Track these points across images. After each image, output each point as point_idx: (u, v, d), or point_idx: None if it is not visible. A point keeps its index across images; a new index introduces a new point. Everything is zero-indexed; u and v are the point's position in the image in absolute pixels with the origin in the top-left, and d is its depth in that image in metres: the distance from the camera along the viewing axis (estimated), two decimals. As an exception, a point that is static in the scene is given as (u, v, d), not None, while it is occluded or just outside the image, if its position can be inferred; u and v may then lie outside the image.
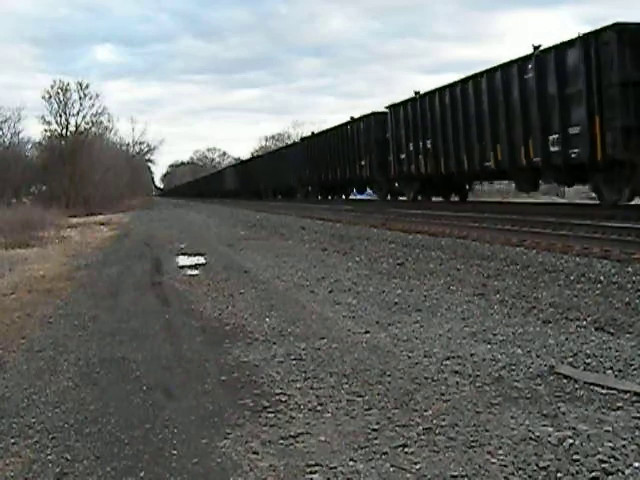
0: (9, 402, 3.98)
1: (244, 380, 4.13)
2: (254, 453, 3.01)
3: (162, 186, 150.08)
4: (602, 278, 6.72)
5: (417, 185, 22.51)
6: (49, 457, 3.12)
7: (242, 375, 4.24)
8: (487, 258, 8.78)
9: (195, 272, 9.43)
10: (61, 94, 45.79)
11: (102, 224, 26.45)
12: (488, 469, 2.69)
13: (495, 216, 14.55)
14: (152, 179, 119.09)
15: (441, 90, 19.52)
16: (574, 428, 3.05)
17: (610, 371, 3.88)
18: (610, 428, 3.03)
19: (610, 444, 2.85)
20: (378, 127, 24.75)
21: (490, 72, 16.71)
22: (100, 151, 48.96)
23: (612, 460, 2.70)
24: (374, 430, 3.19)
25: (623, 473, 2.59)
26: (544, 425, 3.11)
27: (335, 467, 2.81)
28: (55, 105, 45.87)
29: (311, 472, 2.78)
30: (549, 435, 2.99)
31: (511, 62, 15.81)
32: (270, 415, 3.48)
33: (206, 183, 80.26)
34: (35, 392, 4.14)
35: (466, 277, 7.42)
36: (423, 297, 6.45)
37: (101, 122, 49.94)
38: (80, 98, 46.18)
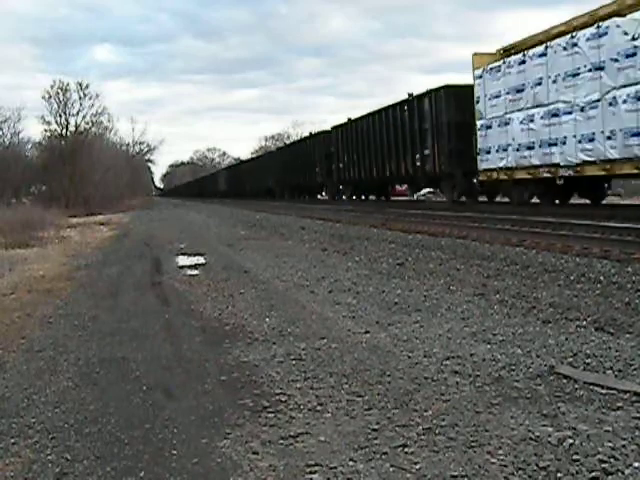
0: (9, 402, 3.98)
1: (244, 380, 4.13)
2: (254, 453, 3.01)
3: (162, 186, 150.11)
4: (602, 278, 6.73)
5: (351, 187, 29.86)
6: (49, 457, 3.12)
7: (242, 375, 4.24)
8: (487, 258, 8.78)
9: (195, 272, 9.43)
10: (61, 94, 45.79)
11: (102, 224, 26.46)
12: (488, 469, 2.69)
13: (495, 216, 14.56)
14: (152, 179, 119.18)
15: (361, 119, 27.09)
16: (574, 428, 3.05)
17: (610, 371, 3.88)
18: (610, 428, 3.03)
19: (610, 444, 2.85)
20: (326, 143, 31.84)
21: (386, 109, 24.00)
22: (100, 151, 48.93)
23: (612, 460, 2.70)
24: (374, 430, 3.19)
25: (623, 473, 2.59)
26: (544, 425, 3.11)
27: (335, 467, 2.81)
28: (55, 105, 45.87)
29: (311, 472, 2.78)
30: (549, 435, 2.99)
31: (396, 104, 23.01)
32: (270, 415, 3.48)
33: (203, 184, 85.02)
34: (35, 392, 4.14)
35: (466, 277, 7.42)
36: (423, 297, 6.45)
37: (101, 122, 49.99)
38: (80, 98, 46.19)
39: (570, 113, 13.57)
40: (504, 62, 16.11)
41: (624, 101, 12.04)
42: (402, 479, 2.68)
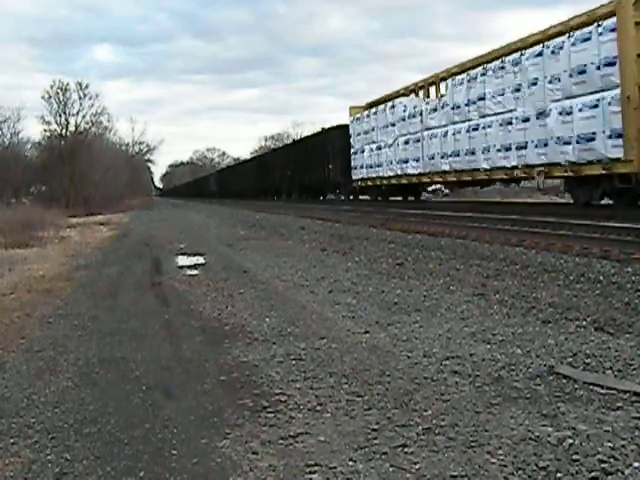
0: (9, 402, 3.98)
1: (244, 380, 4.13)
2: (254, 453, 3.01)
3: (161, 186, 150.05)
4: (601, 278, 6.72)
5: (298, 190, 39.26)
6: (49, 457, 3.12)
7: (242, 375, 4.24)
8: (486, 258, 8.78)
9: (194, 272, 9.43)
10: (61, 94, 45.78)
11: (102, 224, 26.46)
12: (488, 469, 2.69)
13: (494, 216, 14.56)
14: (152, 179, 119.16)
15: (299, 141, 40.88)
16: (574, 428, 3.05)
17: (610, 371, 3.88)
18: (610, 428, 3.03)
19: (610, 444, 2.84)
20: (281, 156, 42.79)
21: (312, 136, 36.15)
22: (100, 151, 48.93)
23: (612, 460, 2.70)
24: (374, 430, 3.19)
25: (623, 473, 2.59)
26: (544, 425, 3.11)
27: (335, 467, 2.81)
28: (55, 105, 45.84)
29: (310, 472, 2.78)
30: (549, 435, 2.99)
31: (316, 134, 35.11)
32: (270, 415, 3.48)
33: (198, 185, 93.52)
34: (35, 392, 4.14)
35: (465, 277, 7.42)
36: (422, 297, 6.45)
37: (101, 122, 49.95)
38: (80, 98, 46.17)
39: (385, 148, 24.22)
40: (361, 115, 26.98)
41: (401, 144, 22.80)
42: (402, 479, 2.69)
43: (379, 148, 24.59)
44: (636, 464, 2.65)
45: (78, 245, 16.35)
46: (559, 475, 2.61)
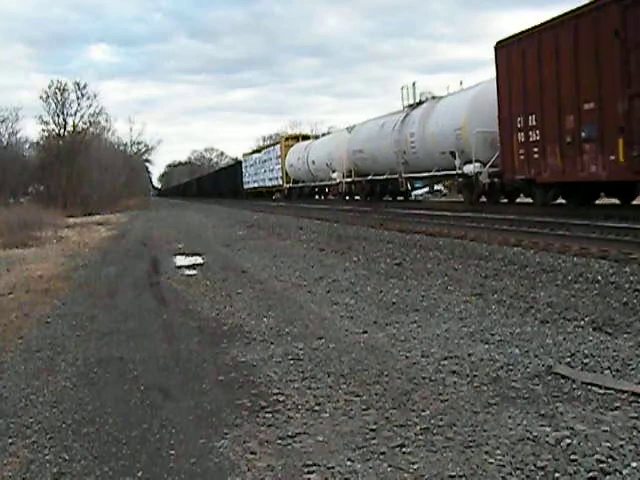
0: (7, 402, 3.98)
1: (242, 380, 4.13)
2: (252, 453, 3.01)
3: (160, 186, 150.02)
4: (600, 278, 6.73)
5: (231, 194, 61.52)
6: (47, 457, 3.12)
7: (240, 375, 4.24)
8: (485, 258, 8.78)
9: (193, 272, 9.43)
10: (59, 94, 45.73)
11: (100, 224, 26.46)
12: (486, 469, 2.70)
13: (493, 216, 14.56)
14: (150, 179, 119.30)
15: (226, 167, 76.74)
16: (572, 428, 3.05)
17: (608, 371, 3.89)
18: (608, 428, 3.03)
19: (608, 444, 2.85)
20: (222, 174, 70.63)
21: (230, 165, 72.64)
22: (98, 151, 48.93)
23: (610, 460, 2.70)
24: (372, 430, 3.19)
25: (621, 473, 2.60)
26: (542, 425, 3.12)
27: (333, 467, 2.81)
28: (53, 105, 45.79)
29: (309, 472, 2.78)
30: (547, 435, 2.99)
31: (232, 165, 70.04)
32: (268, 415, 3.48)
33: (187, 187, 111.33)
34: (33, 392, 4.14)
35: (464, 277, 7.42)
36: (421, 297, 6.45)
37: (99, 122, 49.92)
38: (78, 98, 46.12)
39: (251, 175, 51.65)
40: (246, 157, 54.94)
41: (253, 173, 51.99)
42: (400, 479, 2.69)
43: (249, 174, 51.68)
44: (634, 464, 2.65)
45: (76, 245, 16.34)
46: (557, 475, 2.61)
